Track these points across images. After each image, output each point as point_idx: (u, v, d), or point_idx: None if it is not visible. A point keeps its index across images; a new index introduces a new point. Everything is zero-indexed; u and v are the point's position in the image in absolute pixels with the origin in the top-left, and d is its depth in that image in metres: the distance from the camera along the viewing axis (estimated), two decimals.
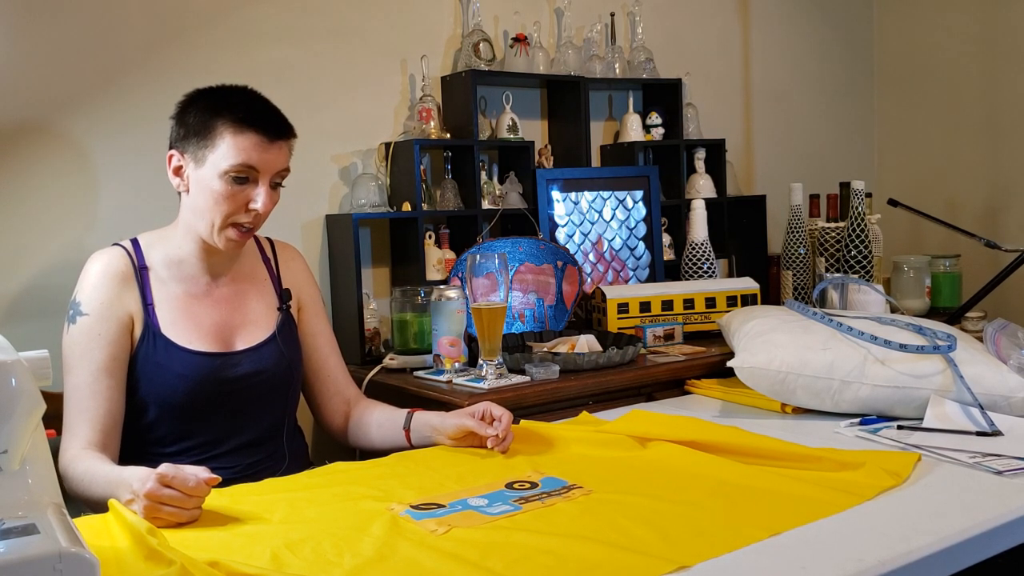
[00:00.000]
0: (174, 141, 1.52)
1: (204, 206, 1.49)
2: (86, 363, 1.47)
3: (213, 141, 1.46)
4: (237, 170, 1.45)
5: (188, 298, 1.55)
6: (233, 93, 1.51)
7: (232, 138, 1.45)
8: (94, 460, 1.38)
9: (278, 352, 1.59)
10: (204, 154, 1.47)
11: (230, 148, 1.45)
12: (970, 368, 1.61)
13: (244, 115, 1.46)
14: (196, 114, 1.48)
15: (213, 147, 1.46)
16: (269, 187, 1.49)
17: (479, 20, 2.44)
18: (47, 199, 1.93)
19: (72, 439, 1.44)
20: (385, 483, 1.32)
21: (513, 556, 1.03)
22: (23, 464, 0.95)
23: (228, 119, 1.46)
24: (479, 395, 1.76)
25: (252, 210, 1.48)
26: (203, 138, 1.47)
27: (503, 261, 1.79)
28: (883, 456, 1.35)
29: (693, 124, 2.83)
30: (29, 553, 0.82)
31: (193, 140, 1.48)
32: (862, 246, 2.44)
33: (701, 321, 2.35)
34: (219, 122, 1.46)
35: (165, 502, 1.15)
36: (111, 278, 1.51)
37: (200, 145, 1.47)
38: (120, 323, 1.50)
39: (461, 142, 2.35)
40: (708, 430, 1.51)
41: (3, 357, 0.94)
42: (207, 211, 1.49)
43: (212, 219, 1.49)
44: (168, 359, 1.50)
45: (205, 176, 1.47)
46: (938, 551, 1.05)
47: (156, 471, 1.17)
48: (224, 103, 1.48)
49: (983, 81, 3.15)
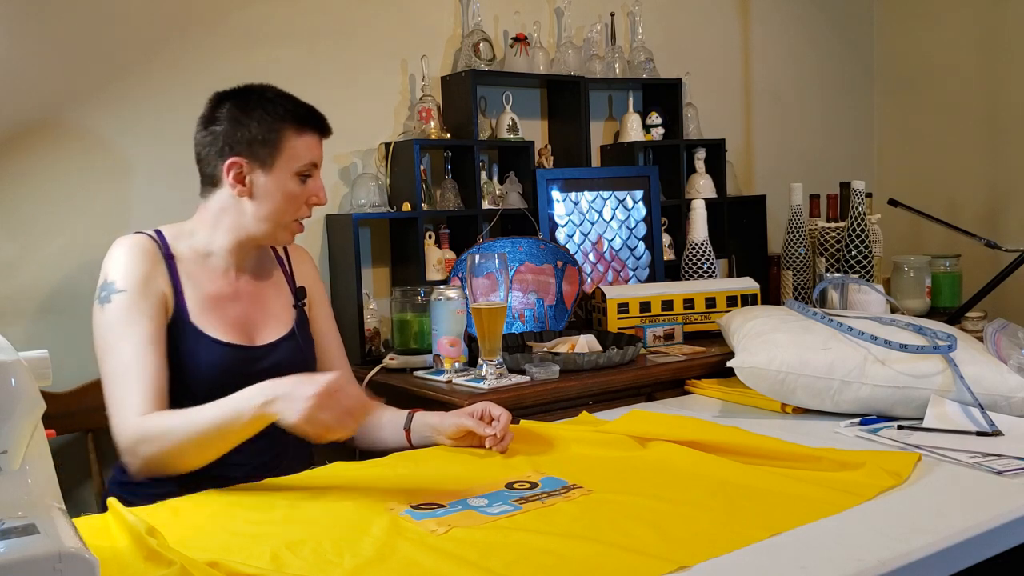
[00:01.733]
0: (232, 149, 1.52)
1: (273, 207, 1.54)
2: (129, 336, 1.44)
3: (280, 145, 1.52)
4: (306, 169, 1.54)
5: (214, 290, 1.56)
6: (281, 96, 1.56)
7: (297, 139, 1.53)
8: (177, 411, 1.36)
9: (296, 347, 1.62)
10: (272, 160, 1.52)
11: (298, 149, 1.53)
12: (970, 368, 1.61)
13: (302, 117, 1.55)
14: (254, 122, 1.51)
15: (280, 150, 1.52)
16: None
17: (479, 20, 2.44)
18: (47, 199, 1.93)
19: (129, 411, 1.39)
20: (385, 483, 1.32)
21: (513, 556, 1.03)
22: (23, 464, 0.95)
23: (290, 123, 1.53)
24: (479, 395, 1.76)
25: (315, 203, 1.58)
26: (267, 144, 1.52)
27: (503, 261, 1.79)
28: (883, 456, 1.35)
29: (693, 124, 2.83)
30: (29, 553, 0.82)
31: (258, 147, 1.52)
32: (862, 246, 2.44)
33: (701, 321, 2.35)
34: (283, 126, 1.52)
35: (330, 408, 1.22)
36: (143, 256, 1.50)
37: (267, 151, 1.52)
38: (157, 299, 1.49)
39: (461, 142, 2.36)
40: (708, 430, 1.51)
41: (3, 357, 0.94)
42: (276, 212, 1.54)
43: (280, 218, 1.55)
44: (196, 348, 1.50)
45: (277, 179, 1.53)
46: (938, 551, 1.05)
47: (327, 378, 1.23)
48: (280, 107, 1.53)
49: (983, 81, 3.15)
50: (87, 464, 1.90)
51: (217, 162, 1.53)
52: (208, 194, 1.57)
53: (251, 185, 1.53)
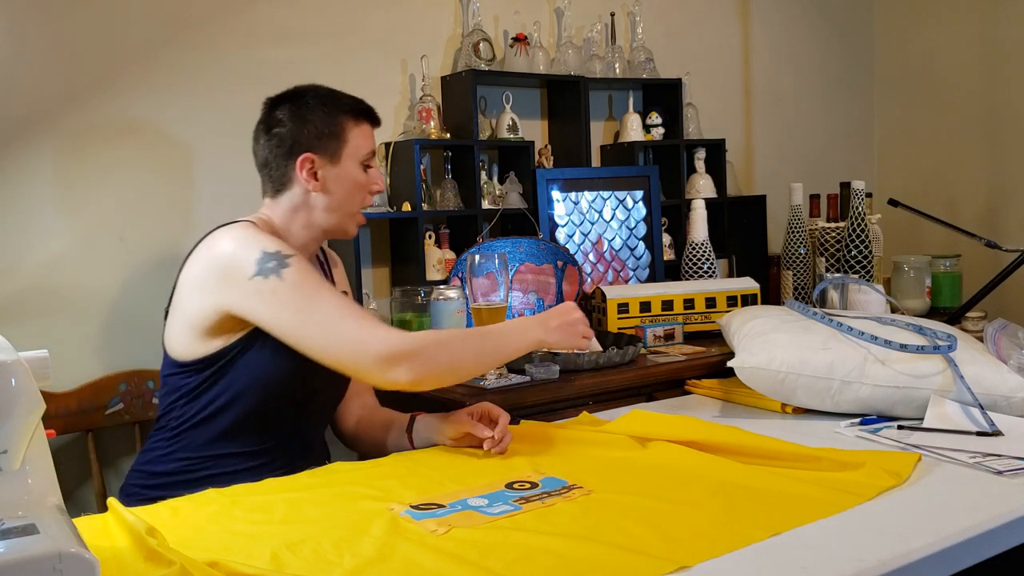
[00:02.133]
0: (302, 146, 1.54)
1: (345, 197, 1.58)
2: (328, 288, 1.44)
3: (343, 136, 1.57)
4: (368, 158, 1.61)
5: None
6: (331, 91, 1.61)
7: (357, 129, 1.59)
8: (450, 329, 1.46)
9: None
10: (338, 151, 1.56)
11: (360, 138, 1.59)
12: (970, 368, 1.61)
13: (359, 108, 1.60)
14: (316, 118, 1.55)
15: (344, 141, 1.57)
16: None
17: (479, 20, 2.44)
18: (46, 199, 1.93)
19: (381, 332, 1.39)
20: (385, 483, 1.32)
21: (513, 556, 1.03)
22: (23, 464, 0.95)
23: (348, 114, 1.58)
24: (479, 395, 1.76)
25: (376, 191, 1.63)
26: (333, 137, 1.56)
27: (503, 261, 1.79)
28: (883, 456, 1.35)
29: (693, 124, 2.83)
30: (29, 553, 0.82)
31: (324, 140, 1.55)
32: (862, 246, 2.44)
33: (701, 321, 2.35)
34: (342, 118, 1.57)
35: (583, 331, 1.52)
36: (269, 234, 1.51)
37: (332, 143, 1.56)
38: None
39: (461, 142, 2.36)
40: (708, 430, 1.51)
41: (3, 357, 0.94)
42: (347, 202, 1.59)
43: (350, 208, 1.60)
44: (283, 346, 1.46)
45: (346, 170, 1.57)
46: (938, 551, 1.05)
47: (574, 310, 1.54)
48: (336, 101, 1.59)
49: (983, 81, 3.15)
50: (87, 464, 1.90)
51: (287, 163, 1.56)
52: (277, 196, 1.58)
53: (323, 179, 1.56)
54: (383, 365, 1.37)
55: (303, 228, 1.59)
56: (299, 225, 1.59)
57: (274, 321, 1.42)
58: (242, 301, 1.42)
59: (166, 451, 1.53)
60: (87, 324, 1.97)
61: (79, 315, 1.96)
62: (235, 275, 1.42)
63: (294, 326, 1.41)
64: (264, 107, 1.60)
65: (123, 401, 1.95)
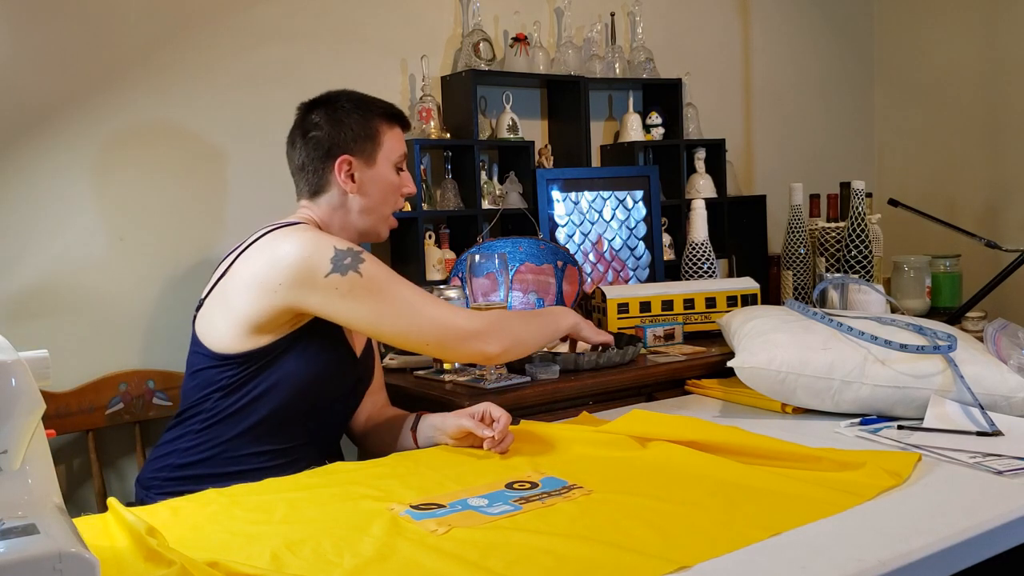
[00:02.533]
0: (341, 149, 1.58)
1: (380, 199, 1.62)
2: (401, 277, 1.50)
3: (378, 138, 1.60)
4: (401, 160, 1.64)
5: None
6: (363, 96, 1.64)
7: (391, 132, 1.62)
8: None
9: (373, 355, 1.71)
10: (373, 153, 1.59)
11: (394, 141, 1.62)
12: (970, 368, 1.61)
13: (392, 112, 1.64)
14: (353, 121, 1.58)
15: (379, 144, 1.60)
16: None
17: (479, 20, 2.44)
18: (47, 198, 1.93)
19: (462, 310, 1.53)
20: (385, 483, 1.32)
21: (513, 556, 1.03)
22: (23, 464, 0.95)
23: (382, 117, 1.62)
24: (479, 395, 1.76)
25: (407, 193, 1.66)
26: (368, 139, 1.59)
27: (503, 261, 1.79)
28: (883, 456, 1.35)
29: (693, 124, 2.83)
30: (29, 553, 0.82)
31: (360, 143, 1.58)
32: (862, 246, 2.44)
33: (701, 321, 2.35)
34: (377, 121, 1.61)
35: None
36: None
37: (368, 146, 1.59)
38: None
39: (461, 142, 2.36)
40: (708, 430, 1.51)
41: (3, 357, 0.94)
42: (383, 204, 1.62)
43: (384, 210, 1.63)
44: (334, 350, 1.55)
45: (381, 172, 1.61)
46: (938, 551, 1.05)
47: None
48: (370, 105, 1.62)
49: (983, 81, 3.15)
50: (87, 464, 1.90)
51: (324, 165, 1.58)
52: (315, 198, 1.61)
53: (359, 181, 1.59)
54: (473, 340, 1.50)
55: (340, 230, 1.62)
56: (337, 227, 1.62)
57: (353, 314, 1.47)
58: (319, 299, 1.46)
59: (194, 443, 1.52)
60: (87, 324, 1.97)
61: (79, 315, 1.96)
62: (311, 275, 1.45)
63: (375, 316, 1.47)
64: (298, 112, 1.63)
65: (123, 401, 1.95)
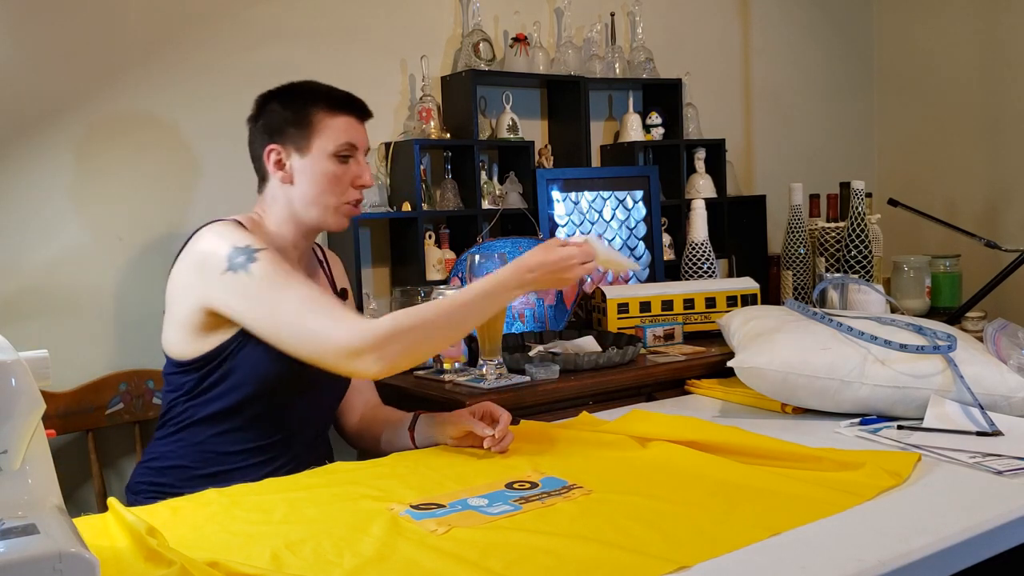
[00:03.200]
0: (270, 137, 1.56)
1: (317, 190, 1.55)
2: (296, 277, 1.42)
3: (314, 127, 1.55)
4: (343, 149, 1.55)
5: None
6: (316, 85, 1.60)
7: (332, 120, 1.55)
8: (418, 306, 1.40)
9: None
10: (308, 142, 1.55)
11: (333, 130, 1.55)
12: (970, 368, 1.61)
13: (335, 99, 1.57)
14: (287, 108, 1.56)
15: (315, 133, 1.55)
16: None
17: (479, 20, 2.44)
18: (47, 198, 1.93)
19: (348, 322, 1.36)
20: (385, 483, 1.32)
21: (513, 556, 1.03)
22: (23, 464, 0.95)
23: (322, 105, 1.56)
24: (479, 395, 1.76)
25: (360, 184, 1.58)
26: (303, 127, 1.55)
27: (503, 261, 1.78)
28: (883, 456, 1.35)
29: (693, 124, 2.83)
30: (29, 553, 0.82)
31: (292, 131, 1.55)
32: (862, 246, 2.44)
33: (701, 321, 2.35)
34: (315, 109, 1.55)
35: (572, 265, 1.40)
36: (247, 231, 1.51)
37: (302, 134, 1.55)
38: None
39: (461, 142, 2.36)
40: (708, 430, 1.51)
41: (3, 357, 0.94)
42: (321, 194, 1.56)
43: (327, 201, 1.56)
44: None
45: (314, 162, 1.55)
46: (938, 551, 1.05)
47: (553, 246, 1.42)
48: (312, 93, 1.58)
49: (983, 81, 3.15)
50: (87, 464, 1.90)
51: (261, 153, 1.57)
52: (262, 189, 1.61)
53: (291, 170, 1.56)
54: (348, 357, 1.35)
55: (285, 223, 1.59)
56: (282, 219, 1.59)
57: (247, 316, 1.42)
58: (218, 297, 1.43)
59: (169, 448, 1.54)
60: (87, 324, 1.97)
61: (79, 315, 1.96)
62: (210, 271, 1.43)
63: (264, 320, 1.41)
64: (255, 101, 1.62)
65: (123, 401, 1.95)
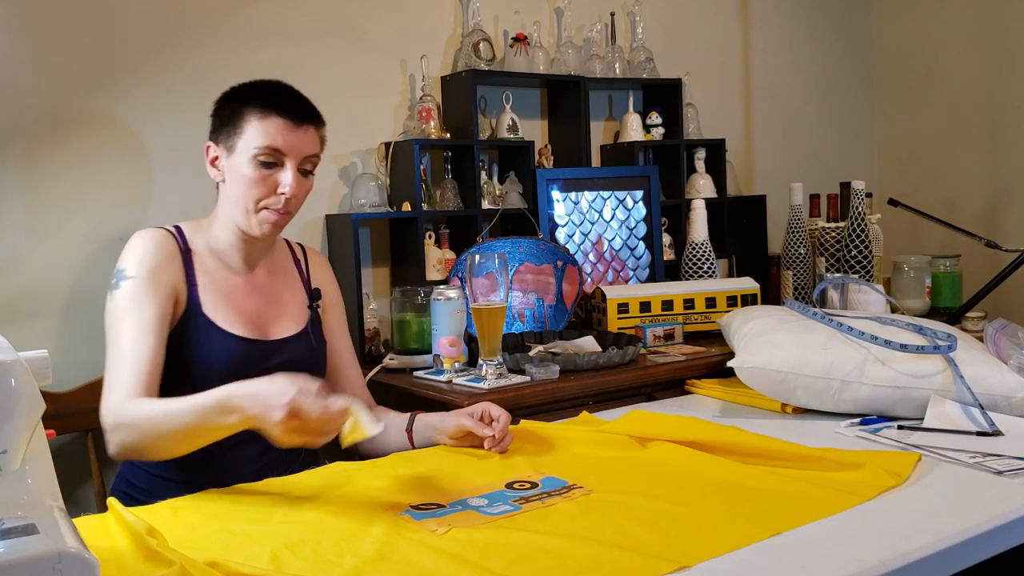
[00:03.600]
0: (210, 134, 1.56)
1: (238, 192, 1.53)
2: (131, 319, 1.45)
3: (242, 128, 1.51)
4: (264, 153, 1.50)
5: (228, 284, 1.58)
6: (262, 83, 1.57)
7: (259, 122, 1.50)
8: (160, 401, 1.36)
9: (310, 346, 1.63)
10: (235, 142, 1.52)
11: (256, 132, 1.50)
12: (970, 368, 1.61)
13: (269, 101, 1.51)
14: (227, 106, 1.54)
15: (242, 133, 1.51)
16: (298, 172, 1.52)
17: (479, 20, 2.44)
18: (47, 198, 1.93)
19: (118, 391, 1.39)
20: (385, 483, 1.32)
21: (513, 556, 1.03)
22: (23, 464, 0.95)
23: (255, 105, 1.51)
24: (479, 395, 1.76)
25: (281, 194, 1.52)
26: (233, 126, 1.52)
27: (503, 261, 1.79)
28: (883, 456, 1.35)
29: (693, 124, 2.83)
30: (29, 553, 0.82)
31: (225, 130, 1.53)
32: (862, 246, 2.44)
33: (701, 321, 2.35)
34: (246, 109, 1.51)
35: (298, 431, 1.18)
36: (157, 249, 1.52)
37: (231, 133, 1.53)
38: (165, 289, 1.49)
39: (461, 142, 2.35)
40: (708, 430, 1.51)
41: (3, 357, 0.94)
42: (241, 197, 1.53)
43: (245, 204, 1.53)
44: (208, 339, 1.51)
45: (237, 163, 1.52)
46: (938, 551, 1.05)
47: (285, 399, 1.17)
48: (252, 92, 1.54)
49: (983, 81, 3.15)
50: (87, 464, 1.90)
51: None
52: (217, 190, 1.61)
53: (223, 169, 1.55)
54: (105, 428, 1.38)
55: (224, 223, 1.58)
56: (221, 220, 1.58)
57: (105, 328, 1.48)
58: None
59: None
60: (87, 324, 1.96)
61: (79, 315, 1.96)
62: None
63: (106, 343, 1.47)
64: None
65: None
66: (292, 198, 1.52)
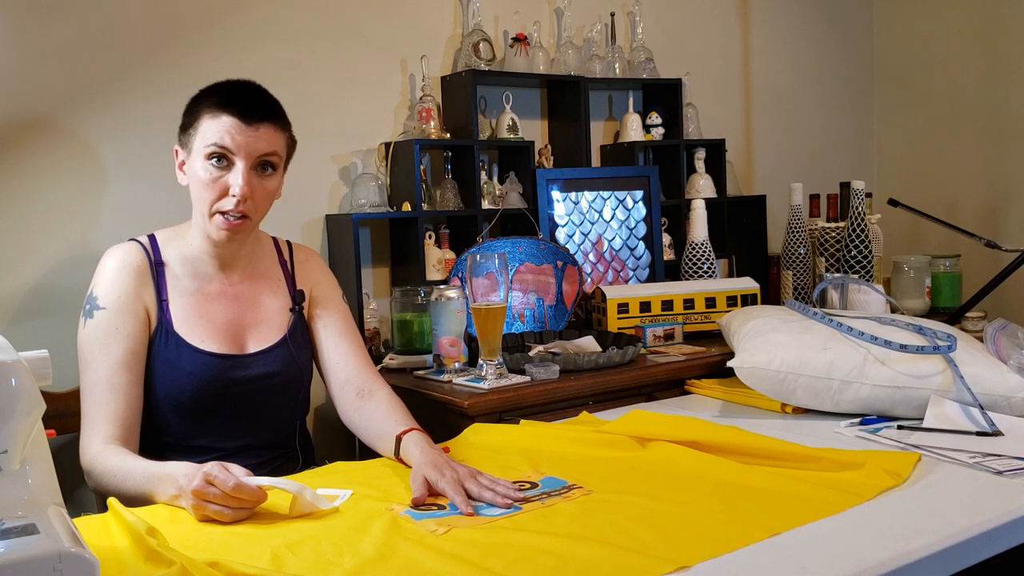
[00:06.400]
0: (177, 136, 1.55)
1: (195, 195, 1.51)
2: (104, 357, 1.46)
3: (197, 127, 1.48)
4: (212, 152, 1.46)
5: (202, 296, 1.55)
6: (224, 83, 1.53)
7: (209, 121, 1.46)
8: (124, 456, 1.38)
9: (288, 355, 1.58)
10: (191, 143, 1.50)
11: (206, 131, 1.46)
12: (970, 368, 1.61)
13: (221, 99, 1.47)
14: (189, 106, 1.52)
15: (197, 133, 1.48)
16: (252, 172, 1.48)
17: (479, 20, 2.44)
18: (48, 198, 1.93)
19: (93, 434, 1.43)
20: (385, 483, 1.32)
21: (513, 556, 1.03)
22: (23, 464, 0.95)
23: (207, 104, 1.48)
24: (479, 395, 1.76)
25: (232, 196, 1.46)
26: (190, 126, 1.50)
27: (503, 261, 1.79)
28: (883, 456, 1.35)
29: (693, 124, 2.83)
30: (29, 553, 0.82)
31: (187, 131, 1.51)
32: (862, 246, 2.44)
33: (701, 321, 2.35)
34: (201, 108, 1.48)
35: (211, 500, 1.16)
36: (128, 272, 1.51)
37: (190, 134, 1.50)
38: (137, 317, 1.49)
39: (461, 142, 2.36)
40: (708, 430, 1.51)
41: (3, 357, 0.94)
42: (197, 200, 1.51)
43: (202, 208, 1.50)
44: (179, 357, 1.50)
45: (193, 164, 1.50)
46: (938, 551, 1.05)
47: (203, 468, 1.18)
48: (210, 91, 1.51)
49: (983, 81, 3.15)
50: None
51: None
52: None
53: (186, 172, 1.53)
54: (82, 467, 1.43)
55: (195, 229, 1.55)
56: (194, 225, 1.56)
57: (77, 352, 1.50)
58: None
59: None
60: None
61: (79, 315, 1.95)
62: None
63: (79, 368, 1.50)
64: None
65: None
66: (247, 200, 1.46)
